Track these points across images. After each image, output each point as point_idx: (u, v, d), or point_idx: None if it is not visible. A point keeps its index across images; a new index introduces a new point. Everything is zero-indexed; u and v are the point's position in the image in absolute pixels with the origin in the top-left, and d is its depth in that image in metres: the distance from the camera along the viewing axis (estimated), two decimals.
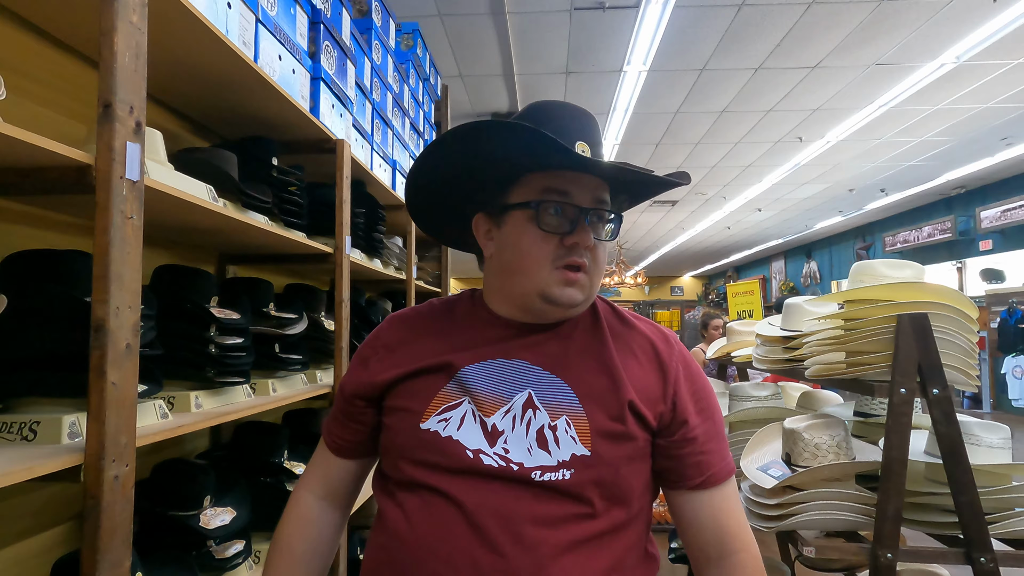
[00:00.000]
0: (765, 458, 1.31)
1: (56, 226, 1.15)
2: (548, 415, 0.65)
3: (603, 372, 0.69)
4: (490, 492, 0.62)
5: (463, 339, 0.72)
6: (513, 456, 0.64)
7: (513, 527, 0.60)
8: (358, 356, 0.80)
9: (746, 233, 11.87)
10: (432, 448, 0.66)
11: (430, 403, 0.69)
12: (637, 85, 4.89)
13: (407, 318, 0.80)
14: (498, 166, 0.69)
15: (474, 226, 0.75)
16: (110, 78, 0.83)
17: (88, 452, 0.81)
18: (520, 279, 0.69)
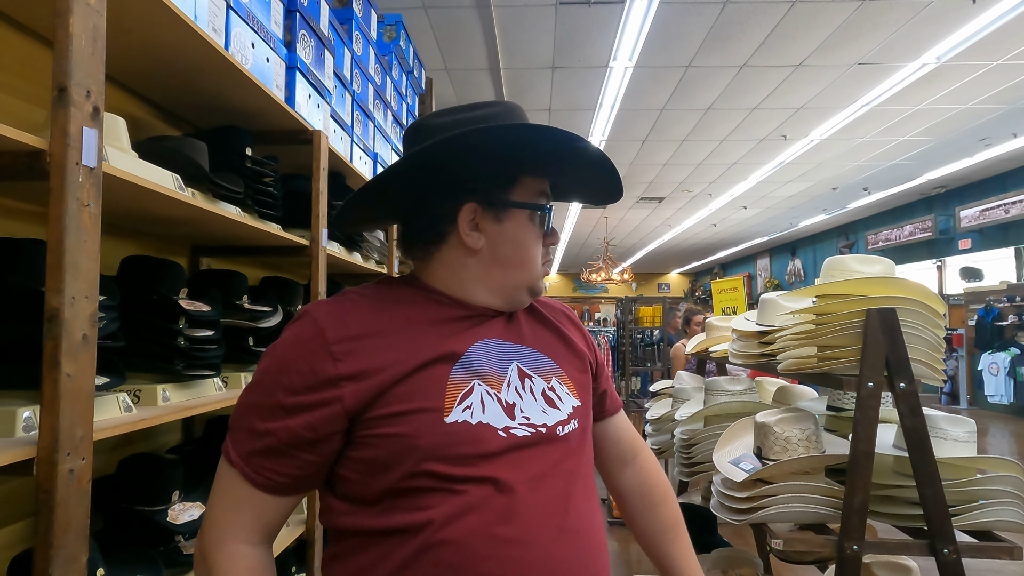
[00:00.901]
0: (737, 452, 1.32)
1: (11, 214, 1.12)
2: (542, 380, 0.73)
3: (558, 339, 0.80)
4: (530, 460, 0.67)
5: (445, 327, 0.71)
6: (534, 420, 0.69)
7: (567, 491, 0.68)
8: (309, 375, 0.63)
9: (732, 231, 11.96)
10: (465, 439, 0.64)
11: (445, 395, 0.66)
12: (623, 81, 4.89)
13: (357, 319, 0.68)
14: (509, 163, 0.73)
15: (463, 215, 0.72)
16: (65, 61, 0.81)
17: (41, 445, 0.79)
18: (516, 272, 0.74)
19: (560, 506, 0.66)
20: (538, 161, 0.74)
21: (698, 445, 1.57)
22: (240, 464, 0.64)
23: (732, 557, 1.63)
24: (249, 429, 0.65)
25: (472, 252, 0.73)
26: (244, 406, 0.67)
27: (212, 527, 0.66)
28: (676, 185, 8.43)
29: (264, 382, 0.66)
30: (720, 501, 1.26)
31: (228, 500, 0.65)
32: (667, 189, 8.67)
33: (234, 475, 0.65)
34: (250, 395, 0.67)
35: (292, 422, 0.63)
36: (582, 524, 0.67)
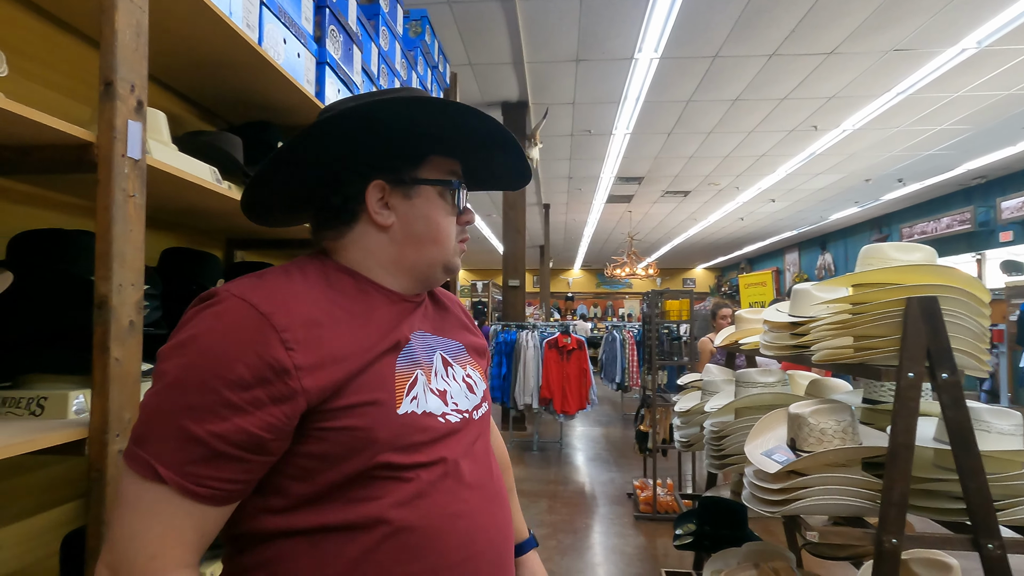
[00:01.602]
0: (769, 443, 1.30)
1: (59, 207, 1.16)
2: (460, 367, 0.79)
3: (462, 327, 0.86)
4: (462, 442, 0.72)
5: (387, 313, 0.71)
6: (461, 406, 0.74)
7: (487, 465, 0.76)
8: (262, 368, 0.57)
9: (759, 224, 11.74)
10: (416, 429, 0.66)
11: (395, 386, 0.66)
12: (648, 73, 4.84)
13: (301, 305, 0.63)
14: (415, 141, 0.74)
15: (370, 192, 0.72)
16: (111, 56, 0.84)
17: (92, 427, 0.82)
18: (431, 249, 0.75)
19: (487, 477, 0.74)
20: (445, 140, 0.76)
21: (729, 437, 1.55)
22: (174, 478, 0.55)
23: (764, 551, 1.61)
24: (180, 436, 0.56)
25: (383, 229, 0.73)
26: (166, 412, 0.57)
27: (139, 556, 0.55)
28: (702, 178, 8.31)
29: (193, 380, 0.57)
30: (752, 493, 1.24)
31: (158, 522, 0.56)
32: (693, 182, 8.55)
33: (163, 492, 0.55)
34: (174, 397, 0.57)
35: (245, 421, 0.56)
36: (501, 489, 0.77)
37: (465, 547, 0.66)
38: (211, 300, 0.62)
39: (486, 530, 0.70)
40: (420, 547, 0.63)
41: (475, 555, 0.67)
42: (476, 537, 0.68)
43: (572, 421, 7.00)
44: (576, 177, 8.36)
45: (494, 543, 0.71)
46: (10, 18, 1.03)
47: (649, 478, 4.05)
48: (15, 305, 0.91)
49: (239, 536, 0.64)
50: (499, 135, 0.75)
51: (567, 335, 5.35)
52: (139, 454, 0.57)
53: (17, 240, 0.98)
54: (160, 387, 0.58)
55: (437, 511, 0.65)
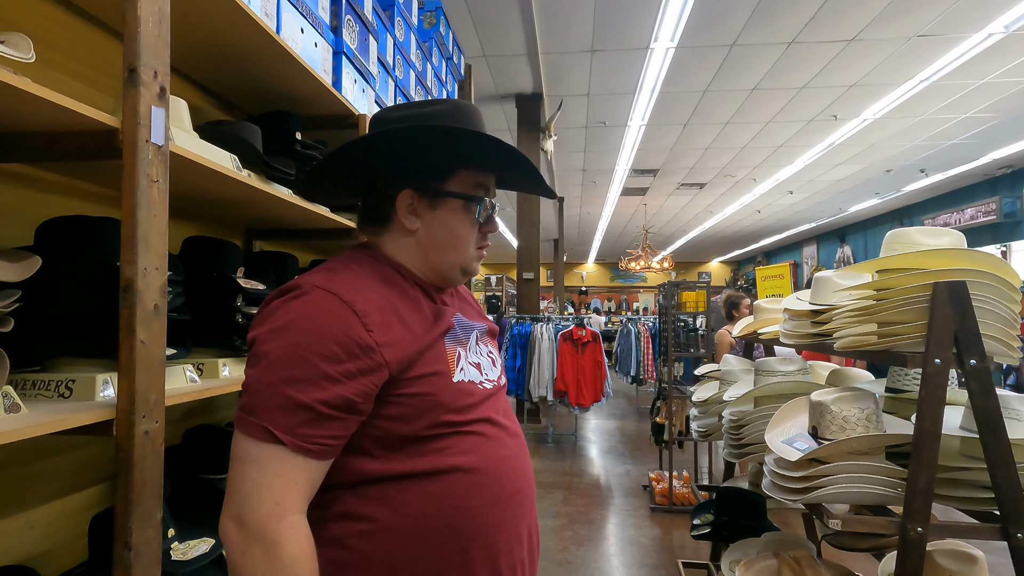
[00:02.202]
0: (790, 432, 1.28)
1: (85, 196, 1.18)
2: (486, 346, 0.92)
3: (478, 314, 0.98)
4: (496, 404, 0.86)
5: (429, 303, 0.84)
6: (490, 376, 0.88)
7: (514, 420, 0.90)
8: (352, 345, 0.70)
9: (777, 217, 11.58)
10: (465, 393, 0.79)
11: (447, 360, 0.80)
12: (664, 63, 4.78)
13: (371, 294, 0.75)
14: (446, 157, 0.83)
15: (398, 200, 0.83)
16: (134, 43, 0.85)
17: (119, 408, 0.84)
18: (450, 255, 0.85)
19: (515, 428, 0.88)
20: (478, 158, 0.85)
21: (748, 426, 1.53)
22: (289, 439, 0.67)
23: (783, 541, 1.59)
24: (288, 404, 0.67)
25: (410, 233, 0.84)
26: (274, 384, 0.68)
27: (264, 503, 0.66)
28: (718, 170, 8.21)
29: (294, 357, 0.68)
30: (773, 481, 1.23)
31: (277, 475, 0.67)
32: (709, 174, 8.46)
33: (280, 451, 0.67)
34: (279, 372, 0.68)
35: (343, 389, 0.69)
36: (523, 438, 0.90)
37: (514, 482, 0.81)
38: (297, 291, 0.73)
39: (526, 469, 0.85)
40: (485, 483, 0.77)
41: (522, 488, 0.83)
42: (520, 474, 0.83)
43: (587, 414, 6.99)
44: (590, 170, 8.31)
45: (528, 481, 0.86)
46: (35, 8, 1.05)
47: (665, 470, 4.03)
48: (43, 290, 0.93)
49: (333, 486, 0.74)
50: (524, 166, 0.85)
51: (582, 327, 5.34)
52: (252, 421, 0.68)
53: (45, 227, 1.00)
54: (265, 365, 0.69)
55: (493, 455, 0.80)
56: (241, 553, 0.67)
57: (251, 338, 0.73)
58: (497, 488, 0.78)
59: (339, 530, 0.74)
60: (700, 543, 3.00)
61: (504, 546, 0.78)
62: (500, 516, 0.78)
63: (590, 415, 7.03)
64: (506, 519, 0.79)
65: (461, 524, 0.75)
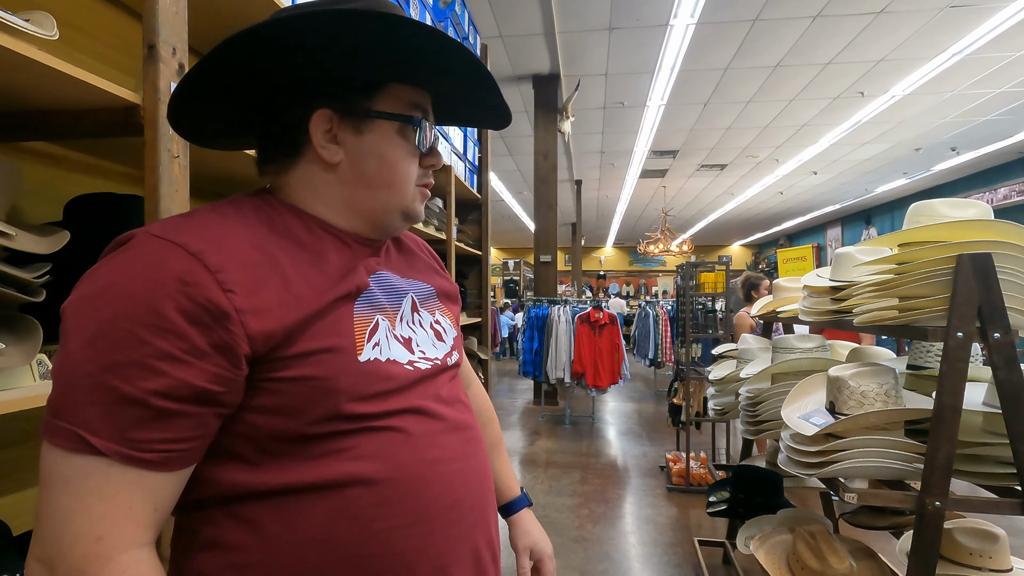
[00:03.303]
0: (807, 408, 1.27)
1: (110, 175, 1.21)
2: (430, 315, 0.73)
3: (432, 271, 0.80)
4: (434, 389, 0.67)
5: (339, 257, 0.63)
6: (428, 354, 0.68)
7: (461, 411, 0.70)
8: (196, 311, 0.49)
9: (800, 198, 11.35)
10: (379, 377, 0.60)
11: (354, 333, 0.59)
12: (684, 40, 4.68)
13: (235, 244, 0.54)
14: (374, 66, 0.62)
15: (312, 123, 0.62)
16: (153, 19, 0.86)
17: None
18: (385, 193, 0.65)
19: (462, 419, 0.69)
20: (411, 67, 0.63)
21: (764, 403, 1.53)
22: (113, 447, 0.48)
23: (799, 517, 1.59)
24: (111, 400, 0.47)
25: (330, 167, 0.63)
26: (88, 374, 0.48)
27: (81, 541, 0.47)
28: (740, 151, 8.06)
29: (115, 333, 0.48)
30: (789, 456, 1.23)
31: (99, 500, 0.48)
32: (730, 155, 8.30)
33: (100, 464, 0.48)
34: (94, 356, 0.48)
35: (187, 374, 0.49)
36: (477, 434, 0.71)
37: (448, 494, 0.62)
38: (127, 243, 0.52)
39: (467, 475, 0.65)
40: (399, 499, 0.58)
41: (459, 501, 0.63)
42: (458, 482, 0.63)
43: (604, 396, 7.01)
44: (609, 152, 8.22)
45: (477, 488, 0.66)
46: None
47: (682, 451, 4.03)
48: (71, 265, 0.96)
49: (202, 502, 0.56)
50: (472, 65, 0.64)
51: (599, 310, 5.33)
52: (62, 426, 0.48)
53: (73, 203, 1.03)
54: (75, 347, 0.48)
55: (414, 459, 0.60)
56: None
57: (62, 310, 0.51)
58: (417, 504, 0.59)
59: (206, 563, 0.56)
60: (717, 522, 3.01)
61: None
62: (424, 541, 0.59)
63: (607, 397, 7.05)
64: (434, 543, 0.60)
65: (364, 554, 0.56)
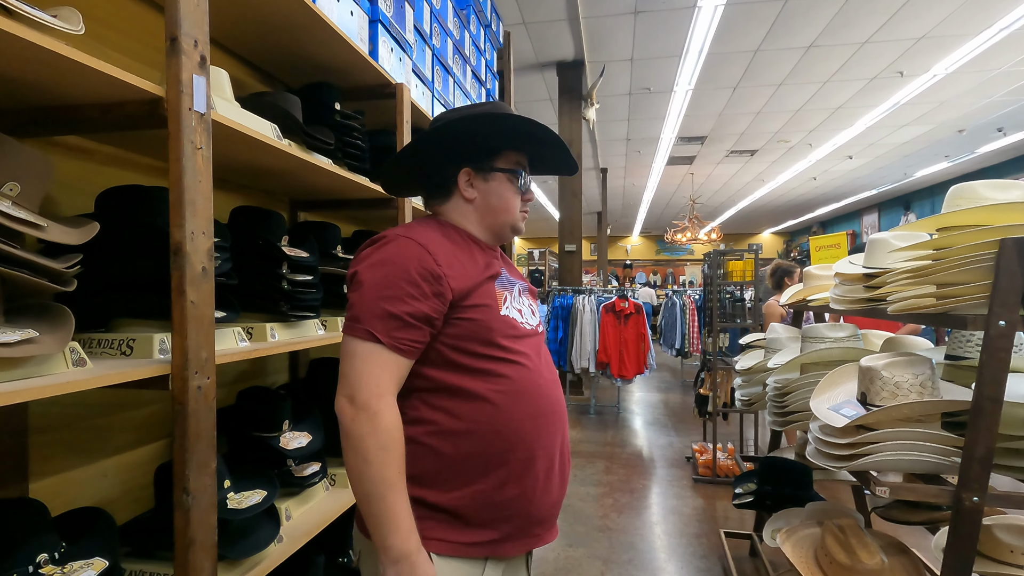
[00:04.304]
0: (838, 398, 1.23)
1: (139, 167, 1.24)
2: (527, 299, 1.10)
3: (521, 276, 1.15)
4: (535, 345, 1.05)
5: (482, 255, 1.04)
6: (530, 322, 1.07)
7: (548, 362, 1.09)
8: (427, 275, 0.93)
9: (834, 184, 11.00)
10: (510, 325, 1.00)
11: (496, 297, 1.00)
12: (713, 21, 4.56)
13: (439, 243, 0.98)
14: (497, 140, 1.06)
15: (461, 176, 1.06)
16: (175, 12, 0.87)
17: (174, 363, 0.89)
18: (503, 216, 1.08)
19: (549, 367, 1.07)
20: (516, 140, 1.08)
21: (793, 394, 1.49)
22: (385, 339, 0.89)
23: (829, 510, 1.55)
24: (385, 315, 0.90)
25: (469, 202, 1.07)
26: (373, 300, 0.90)
27: (368, 385, 0.89)
28: (771, 135, 7.83)
29: (387, 282, 0.91)
30: (818, 448, 1.20)
31: (377, 366, 0.89)
32: (760, 140, 8.08)
33: (379, 349, 0.89)
34: (377, 292, 0.91)
35: (422, 306, 0.91)
36: (556, 377, 1.08)
37: (550, 404, 1.01)
38: (387, 239, 0.96)
39: (559, 399, 1.05)
40: (528, 394, 0.98)
41: (557, 411, 1.03)
42: (555, 401, 1.03)
43: (630, 386, 6.95)
44: (635, 139, 8.09)
45: (560, 408, 1.05)
46: None
47: (709, 442, 3.98)
48: (105, 254, 0.99)
49: (409, 391, 0.96)
50: (554, 139, 1.08)
51: (624, 299, 5.28)
52: (358, 327, 0.90)
53: (103, 196, 1.06)
54: (366, 288, 0.91)
55: (533, 378, 1.00)
56: (351, 420, 0.88)
57: (351, 272, 0.95)
58: (535, 407, 0.98)
59: (411, 431, 0.94)
60: (744, 514, 2.97)
61: (540, 452, 0.98)
62: (536, 428, 0.98)
63: (633, 387, 6.99)
64: (542, 430, 0.99)
65: (504, 431, 0.95)
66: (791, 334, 1.83)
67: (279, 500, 1.34)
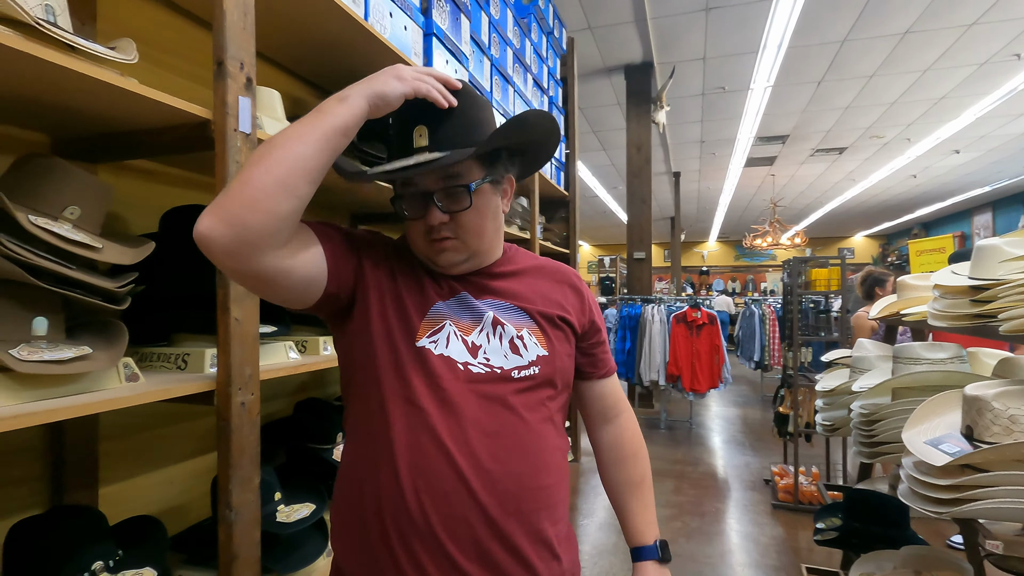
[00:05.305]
0: (937, 431, 1.07)
1: (200, 186, 1.30)
2: (514, 328, 0.81)
3: (542, 297, 0.86)
4: (482, 390, 0.77)
5: (432, 282, 0.82)
6: (494, 363, 0.78)
7: (505, 402, 0.77)
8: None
9: (938, 181, 10.00)
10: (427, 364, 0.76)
11: (420, 325, 0.78)
12: (793, 13, 4.27)
13: (394, 245, 0.85)
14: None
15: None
16: (221, 36, 0.89)
17: (219, 380, 0.91)
18: (415, 250, 0.83)
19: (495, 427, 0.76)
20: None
21: (883, 422, 1.32)
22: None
23: (928, 557, 1.36)
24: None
25: None
26: None
27: None
28: (862, 131, 7.24)
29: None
30: (912, 488, 1.04)
31: None
32: (850, 137, 7.49)
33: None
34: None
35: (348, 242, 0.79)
36: (505, 437, 0.76)
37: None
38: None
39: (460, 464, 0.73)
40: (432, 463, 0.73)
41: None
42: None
43: (704, 400, 6.62)
44: (709, 141, 7.75)
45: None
46: (138, 9, 1.15)
47: (790, 464, 3.69)
48: (166, 272, 1.03)
49: None
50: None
51: (696, 309, 5.03)
52: None
53: (166, 215, 1.11)
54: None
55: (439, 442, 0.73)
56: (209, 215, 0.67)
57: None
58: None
59: None
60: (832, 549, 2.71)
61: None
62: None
63: (708, 402, 6.66)
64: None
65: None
66: (881, 352, 1.63)
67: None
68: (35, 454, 0.99)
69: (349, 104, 0.68)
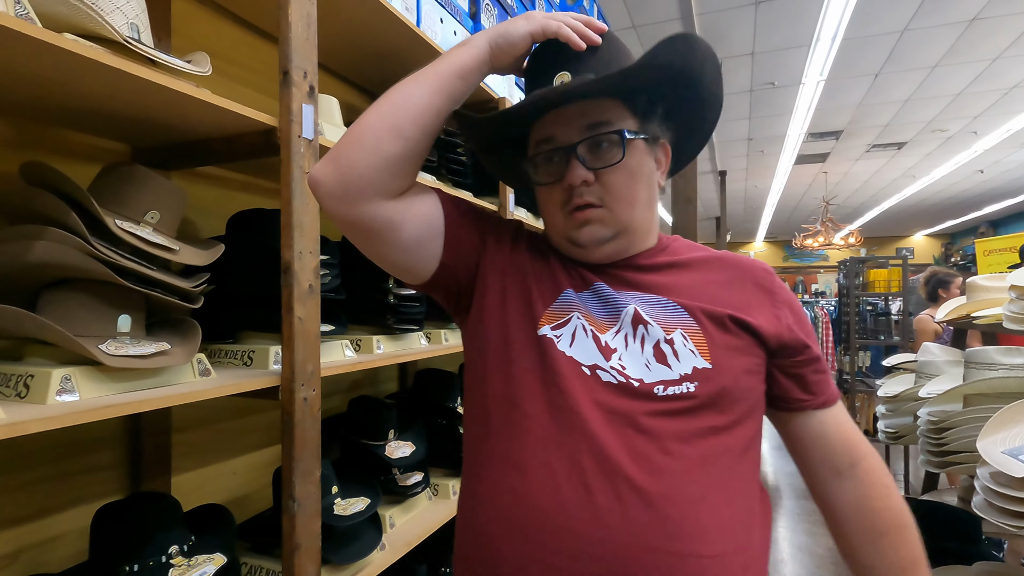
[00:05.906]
0: (1016, 440, 1.01)
1: (264, 191, 1.35)
2: (662, 329, 0.63)
3: (709, 294, 0.66)
4: (608, 403, 0.60)
5: (562, 269, 0.70)
6: (631, 372, 0.61)
7: (637, 425, 0.58)
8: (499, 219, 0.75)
9: (1008, 177, 9.40)
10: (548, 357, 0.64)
11: (544, 312, 0.66)
12: (849, 2, 4.10)
13: (529, 232, 0.77)
14: (508, 130, 0.72)
15: None
16: (286, 47, 0.94)
17: (283, 376, 0.95)
18: (549, 229, 0.71)
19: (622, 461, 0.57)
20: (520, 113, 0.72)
21: (954, 430, 1.25)
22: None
23: (1003, 574, 1.28)
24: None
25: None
26: None
27: None
28: (923, 125, 6.88)
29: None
30: (988, 500, 0.99)
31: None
32: (910, 131, 7.13)
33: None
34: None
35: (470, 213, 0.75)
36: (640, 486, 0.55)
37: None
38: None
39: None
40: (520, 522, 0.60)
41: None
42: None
43: None
44: (757, 138, 7.52)
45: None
46: (212, 25, 1.21)
47: None
48: (234, 273, 1.09)
49: None
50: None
51: None
52: None
53: (232, 219, 1.17)
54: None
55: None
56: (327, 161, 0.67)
57: None
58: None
59: None
60: None
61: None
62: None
63: None
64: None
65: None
66: (949, 357, 1.55)
67: (383, 508, 1.38)
68: (116, 443, 1.06)
69: (469, 46, 0.65)
